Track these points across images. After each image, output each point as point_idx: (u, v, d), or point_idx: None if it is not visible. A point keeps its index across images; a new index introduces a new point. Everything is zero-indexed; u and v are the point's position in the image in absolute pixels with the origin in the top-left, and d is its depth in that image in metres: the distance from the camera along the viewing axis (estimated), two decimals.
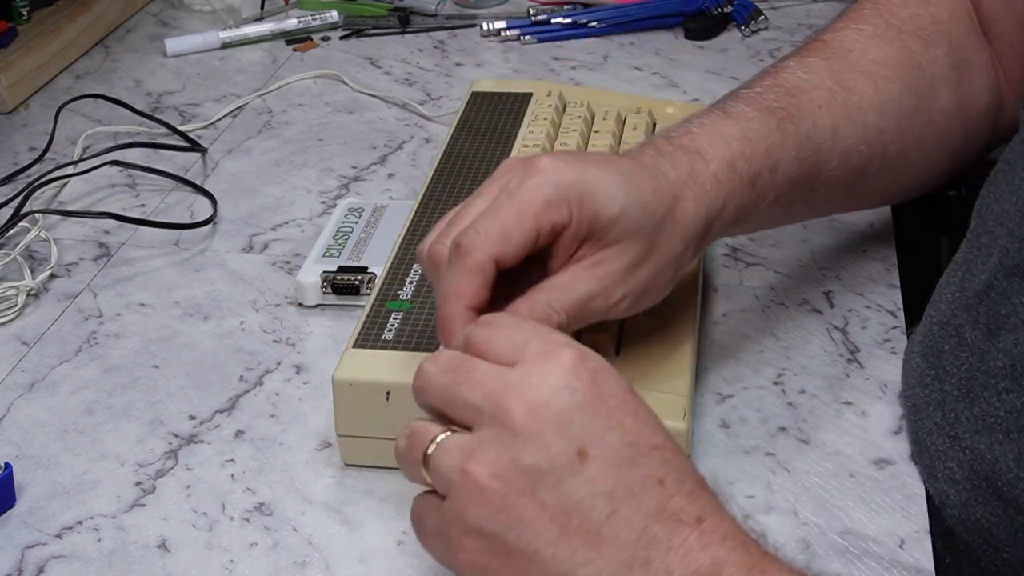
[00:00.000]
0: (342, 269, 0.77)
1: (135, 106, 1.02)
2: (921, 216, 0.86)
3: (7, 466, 0.63)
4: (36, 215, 0.85)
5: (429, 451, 0.47)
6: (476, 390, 0.47)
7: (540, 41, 1.15)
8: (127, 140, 0.97)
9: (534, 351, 0.47)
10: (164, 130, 1.00)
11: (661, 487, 0.45)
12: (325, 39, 1.18)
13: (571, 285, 0.57)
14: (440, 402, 0.49)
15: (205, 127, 1.01)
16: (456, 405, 0.48)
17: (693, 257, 0.62)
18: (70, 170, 0.93)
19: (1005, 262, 0.60)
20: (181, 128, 1.00)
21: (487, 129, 0.86)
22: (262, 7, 1.22)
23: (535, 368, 0.47)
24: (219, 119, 1.02)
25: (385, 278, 0.70)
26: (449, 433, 0.48)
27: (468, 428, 0.47)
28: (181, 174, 0.93)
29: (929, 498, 0.63)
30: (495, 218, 0.56)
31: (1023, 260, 0.59)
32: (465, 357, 0.49)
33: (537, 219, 0.56)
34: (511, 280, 0.57)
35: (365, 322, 0.66)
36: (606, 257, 0.58)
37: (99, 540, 0.61)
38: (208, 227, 0.87)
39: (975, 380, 0.61)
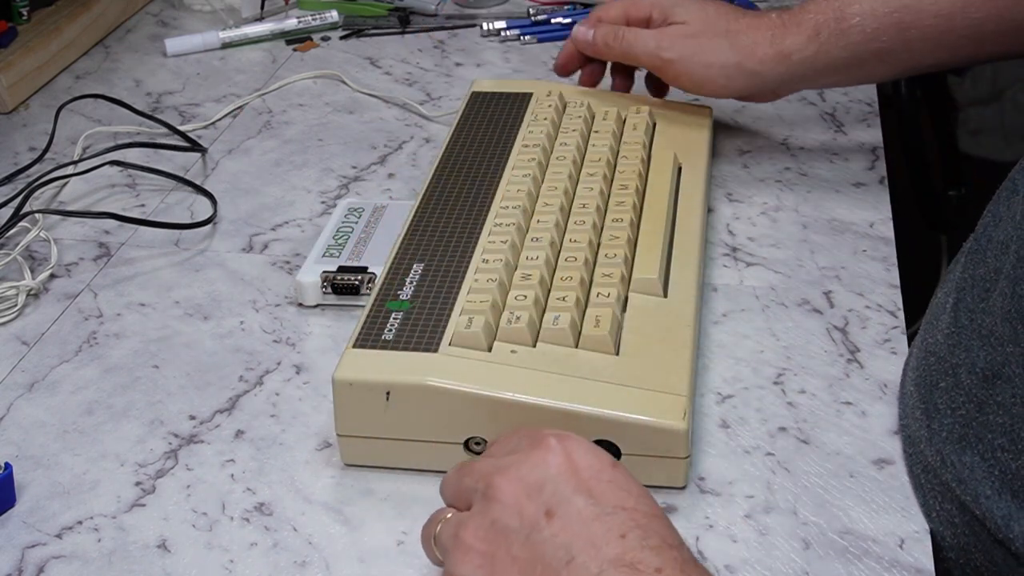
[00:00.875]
0: (342, 269, 0.77)
1: (135, 106, 1.02)
2: (921, 216, 0.86)
3: (7, 466, 0.63)
4: (36, 215, 0.85)
5: (437, 530, 0.55)
6: (473, 476, 0.54)
7: (540, 41, 1.15)
8: (127, 140, 0.97)
9: (525, 444, 0.54)
10: (164, 130, 1.00)
11: (623, 540, 0.49)
12: (325, 39, 1.18)
13: (640, 35, 0.88)
14: (451, 494, 0.56)
15: (205, 127, 1.01)
16: (460, 493, 0.55)
17: (754, 78, 0.85)
18: (70, 170, 0.93)
19: (1005, 306, 0.60)
20: (181, 128, 1.00)
21: (487, 129, 0.86)
22: (262, 7, 1.22)
23: (524, 455, 0.53)
24: (219, 119, 1.02)
25: (385, 278, 0.70)
26: (452, 513, 0.55)
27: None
28: (181, 174, 0.93)
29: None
30: (609, 7, 0.91)
31: (1019, 305, 0.59)
32: (473, 460, 0.57)
33: (627, 11, 0.90)
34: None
35: (365, 322, 0.66)
36: (668, 28, 0.87)
37: (99, 540, 0.61)
38: (208, 227, 0.87)
39: (970, 430, 0.61)
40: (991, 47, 0.84)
